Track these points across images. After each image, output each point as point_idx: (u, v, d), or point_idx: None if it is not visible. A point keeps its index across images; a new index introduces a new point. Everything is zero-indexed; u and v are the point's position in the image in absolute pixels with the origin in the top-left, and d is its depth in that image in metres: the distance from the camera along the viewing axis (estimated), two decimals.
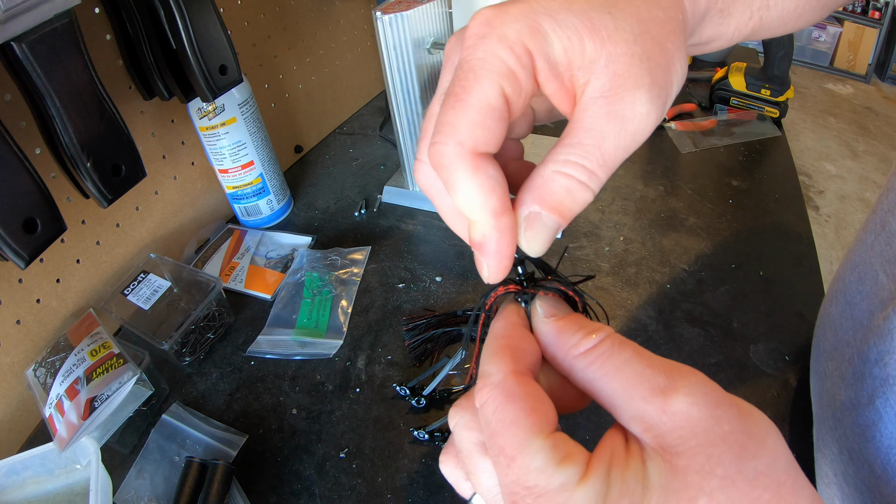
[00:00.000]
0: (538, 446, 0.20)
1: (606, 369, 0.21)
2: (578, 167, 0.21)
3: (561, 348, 0.23)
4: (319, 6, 0.89)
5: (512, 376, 0.22)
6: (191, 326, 0.61)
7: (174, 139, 0.70)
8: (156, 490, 0.51)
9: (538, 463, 0.20)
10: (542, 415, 0.21)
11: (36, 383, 0.54)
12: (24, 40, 0.41)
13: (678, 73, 0.23)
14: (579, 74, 0.22)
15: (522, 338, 0.24)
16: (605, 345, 0.22)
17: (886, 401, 0.34)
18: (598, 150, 0.21)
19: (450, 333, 0.62)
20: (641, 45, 0.22)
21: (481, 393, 0.22)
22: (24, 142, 0.46)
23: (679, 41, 0.23)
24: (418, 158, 0.26)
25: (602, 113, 0.21)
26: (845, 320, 0.42)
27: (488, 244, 0.22)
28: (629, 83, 0.21)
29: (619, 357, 0.21)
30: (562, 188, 0.22)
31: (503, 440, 0.20)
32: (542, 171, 0.22)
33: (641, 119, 0.21)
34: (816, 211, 2.32)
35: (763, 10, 0.28)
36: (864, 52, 3.07)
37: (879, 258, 0.39)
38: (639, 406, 0.20)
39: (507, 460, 0.20)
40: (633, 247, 0.72)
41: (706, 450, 0.19)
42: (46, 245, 0.46)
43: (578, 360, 0.22)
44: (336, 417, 0.56)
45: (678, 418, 0.19)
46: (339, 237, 0.77)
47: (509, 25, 0.21)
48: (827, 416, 0.43)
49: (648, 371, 0.20)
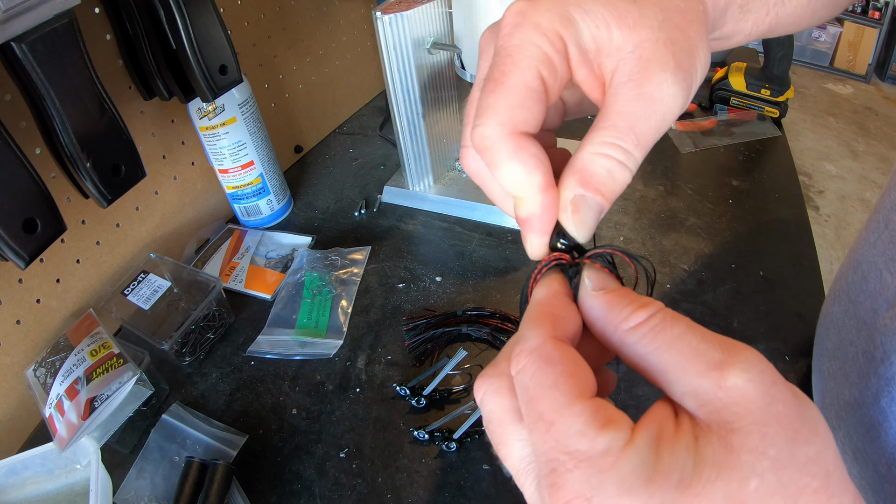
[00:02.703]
0: (578, 409, 0.19)
1: (659, 343, 0.20)
2: (616, 147, 0.22)
3: (611, 322, 0.22)
4: (319, 6, 0.89)
5: (550, 341, 0.21)
6: (191, 326, 0.61)
7: (174, 139, 0.70)
8: (156, 490, 0.51)
9: (579, 426, 0.19)
10: (581, 379, 0.20)
11: (36, 383, 0.54)
12: (24, 40, 0.41)
13: (701, 59, 0.23)
14: (608, 61, 0.23)
15: (564, 307, 0.23)
16: (656, 318, 0.21)
17: (893, 400, 0.34)
18: (632, 130, 0.22)
19: (450, 333, 0.62)
20: (665, 32, 0.23)
21: (519, 358, 0.21)
22: (24, 142, 0.46)
23: (701, 30, 0.24)
24: (463, 145, 0.27)
25: (632, 95, 0.22)
26: (849, 319, 0.42)
27: (534, 219, 0.23)
28: (655, 66, 0.22)
29: (672, 331, 0.20)
30: (602, 169, 0.22)
31: (542, 404, 0.20)
32: (581, 155, 0.23)
33: (669, 100, 0.22)
34: (816, 211, 2.32)
35: (779, 6, 0.29)
36: (864, 52, 3.07)
37: (883, 256, 0.39)
38: (693, 381, 0.19)
39: (545, 425, 0.19)
40: (633, 247, 0.72)
41: (761, 429, 0.18)
42: (46, 245, 0.46)
43: (630, 334, 0.21)
44: (336, 417, 0.56)
45: (734, 394, 0.19)
46: (339, 237, 0.77)
47: (542, 14, 0.23)
48: (830, 416, 0.43)
49: (703, 346, 0.20)
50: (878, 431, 0.35)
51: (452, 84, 0.74)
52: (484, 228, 0.76)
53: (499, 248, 0.73)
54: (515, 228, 0.75)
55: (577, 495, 0.18)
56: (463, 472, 0.51)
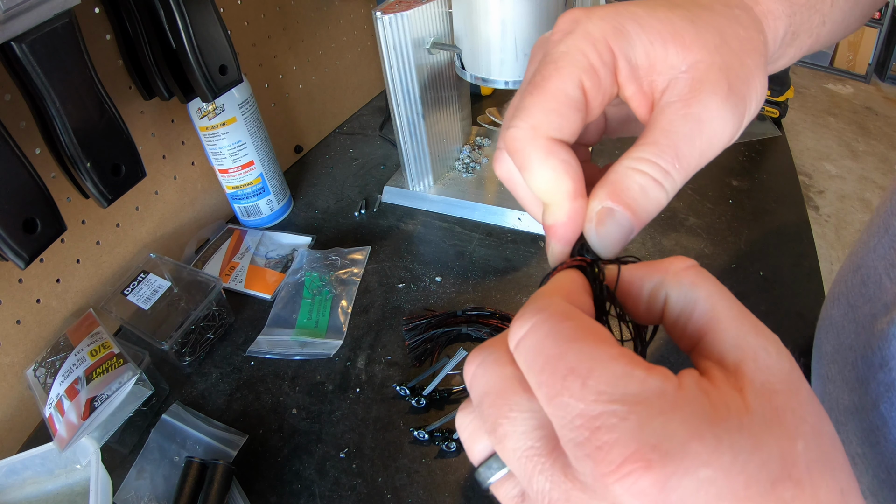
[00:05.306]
0: (616, 352, 0.17)
1: (711, 290, 0.20)
2: (653, 165, 0.21)
3: (655, 270, 0.21)
4: (319, 6, 0.89)
5: (564, 302, 0.20)
6: (191, 326, 0.61)
7: (174, 139, 0.70)
8: (156, 490, 0.51)
9: (623, 368, 0.17)
10: (605, 333, 0.19)
11: (36, 383, 0.54)
12: (24, 40, 0.41)
13: (758, 89, 0.23)
14: (659, 79, 0.22)
15: (579, 291, 0.22)
16: (702, 270, 0.21)
17: (892, 405, 0.34)
18: (674, 149, 0.21)
19: (450, 333, 0.62)
20: (721, 56, 0.22)
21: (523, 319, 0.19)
22: (24, 142, 0.46)
23: (759, 60, 0.23)
24: (499, 147, 0.27)
25: (679, 115, 0.21)
26: (847, 323, 0.42)
27: (558, 227, 0.23)
28: (707, 87, 0.21)
29: (719, 286, 0.20)
30: (636, 184, 0.21)
31: (570, 358, 0.17)
32: (616, 168, 0.22)
33: (718, 125, 0.22)
34: (816, 211, 2.32)
35: (820, 27, 0.29)
36: (864, 52, 3.07)
37: (882, 261, 0.39)
38: (745, 336, 0.19)
39: (580, 379, 0.17)
40: (632, 247, 0.72)
41: (797, 397, 0.18)
42: (46, 245, 0.46)
43: (679, 275, 0.20)
44: (336, 417, 0.56)
45: (773, 362, 0.18)
46: (339, 237, 0.77)
47: (595, 23, 0.22)
48: (830, 420, 0.42)
49: (746, 311, 0.20)
50: (878, 436, 0.35)
51: (452, 84, 0.74)
52: (484, 228, 0.76)
53: (499, 248, 0.73)
54: (515, 229, 0.75)
55: (638, 447, 0.15)
56: (463, 472, 0.51)
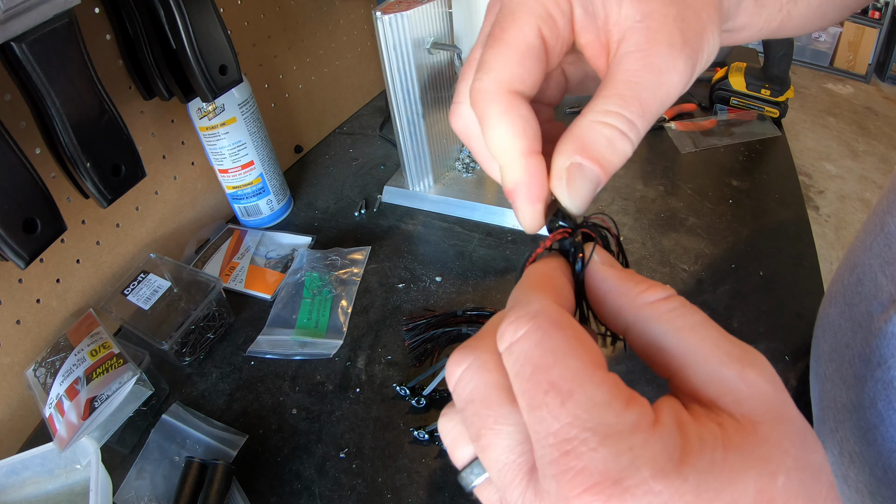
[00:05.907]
0: (601, 378, 0.17)
1: (681, 324, 0.19)
2: (619, 117, 0.21)
3: (628, 293, 0.21)
4: (319, 6, 0.89)
5: (556, 305, 0.19)
6: (191, 326, 0.61)
7: (174, 139, 0.70)
8: (156, 490, 0.51)
9: (603, 396, 0.17)
10: (595, 349, 0.18)
11: (36, 383, 0.54)
12: (24, 40, 0.41)
13: (710, 42, 0.23)
14: (615, 30, 0.22)
15: (563, 284, 0.21)
16: (676, 301, 0.20)
17: (889, 404, 0.34)
18: (637, 100, 0.21)
19: (450, 333, 0.62)
20: (676, 8, 0.22)
21: (517, 323, 0.19)
22: (24, 142, 0.46)
23: (713, 14, 0.23)
24: (455, 101, 0.27)
25: (639, 65, 0.21)
26: (844, 322, 0.42)
27: (520, 187, 0.22)
28: (662, 38, 0.21)
29: (693, 317, 0.19)
30: (603, 137, 0.21)
31: (554, 373, 0.17)
32: (581, 123, 0.22)
33: (675, 75, 0.22)
34: (816, 211, 2.32)
35: (791, 4, 0.29)
36: (864, 52, 3.07)
37: (878, 259, 0.39)
38: (718, 368, 0.18)
39: (560, 397, 0.17)
40: (632, 247, 0.72)
41: (782, 426, 0.17)
42: (46, 245, 0.46)
43: (649, 308, 0.20)
44: (336, 417, 0.56)
45: (755, 389, 0.18)
46: (339, 237, 0.77)
47: None
48: (827, 419, 0.42)
49: (723, 338, 0.19)
50: (875, 435, 0.35)
51: (452, 84, 0.74)
52: (484, 228, 0.76)
53: (499, 248, 0.73)
54: (515, 229, 0.75)
55: (602, 478, 0.15)
56: None
